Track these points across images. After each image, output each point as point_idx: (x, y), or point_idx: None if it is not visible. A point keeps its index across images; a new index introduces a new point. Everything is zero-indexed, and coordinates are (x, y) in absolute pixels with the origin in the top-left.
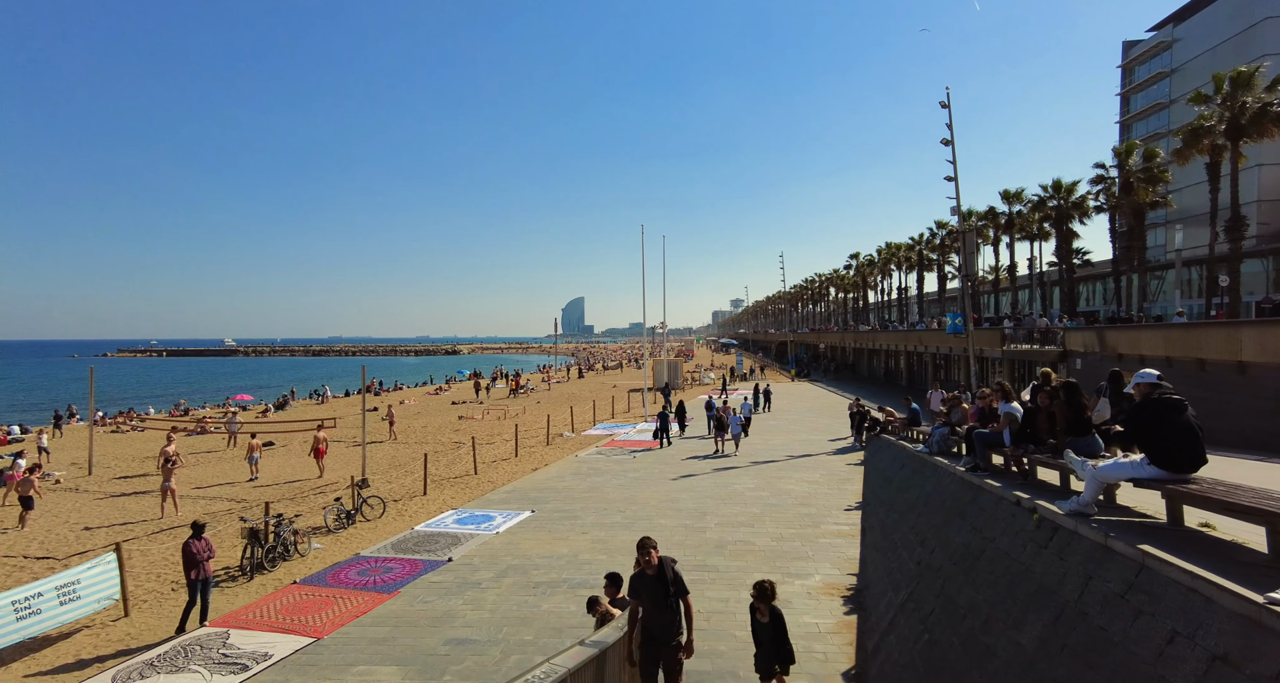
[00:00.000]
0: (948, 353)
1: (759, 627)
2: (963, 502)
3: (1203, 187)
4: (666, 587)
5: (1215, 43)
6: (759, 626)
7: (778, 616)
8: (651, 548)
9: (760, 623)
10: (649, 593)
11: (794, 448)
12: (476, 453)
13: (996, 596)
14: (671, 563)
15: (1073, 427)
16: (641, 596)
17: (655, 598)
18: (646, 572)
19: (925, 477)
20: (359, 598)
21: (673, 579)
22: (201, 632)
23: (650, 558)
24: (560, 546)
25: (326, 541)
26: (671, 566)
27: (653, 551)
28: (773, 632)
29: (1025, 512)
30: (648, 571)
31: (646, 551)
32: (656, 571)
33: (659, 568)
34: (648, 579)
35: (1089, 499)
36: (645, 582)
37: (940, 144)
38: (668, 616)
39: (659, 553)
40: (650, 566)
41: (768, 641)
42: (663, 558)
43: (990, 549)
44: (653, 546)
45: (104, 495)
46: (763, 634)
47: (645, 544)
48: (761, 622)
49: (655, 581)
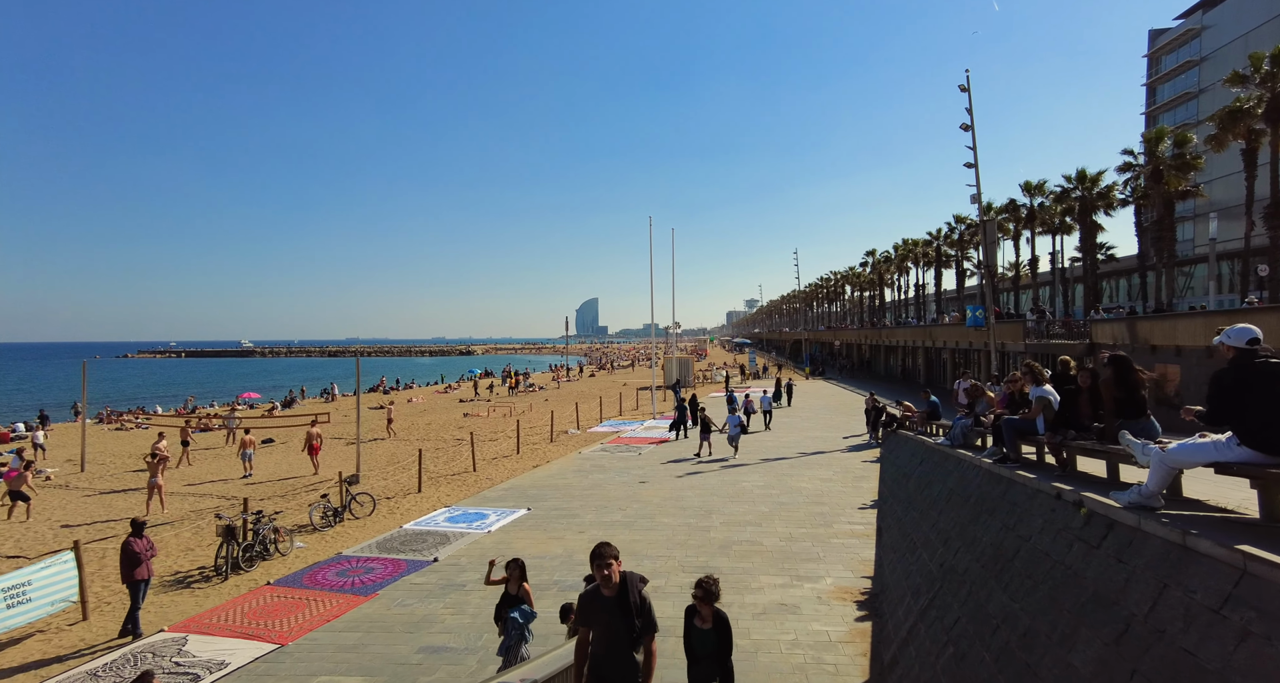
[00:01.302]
0: (966, 348)
1: (697, 636)
2: (991, 497)
3: (1234, 178)
4: (629, 617)
5: (1248, 28)
6: (697, 634)
7: (723, 622)
8: (611, 559)
9: (699, 631)
10: (603, 623)
11: (807, 445)
12: (478, 450)
13: (1036, 604)
14: (639, 584)
15: (1124, 407)
16: (593, 624)
17: (612, 630)
18: (603, 591)
19: (947, 471)
20: (334, 601)
21: (638, 607)
22: (157, 638)
23: (609, 573)
24: (555, 545)
25: (311, 539)
26: (638, 587)
27: (613, 563)
28: (716, 643)
29: (1069, 506)
30: (604, 590)
31: (604, 562)
32: (616, 592)
33: (620, 588)
34: (603, 603)
35: (1154, 489)
36: (599, 606)
37: (960, 129)
38: (625, 656)
39: (621, 566)
40: (608, 584)
41: (707, 655)
42: (627, 575)
43: (1026, 550)
44: (613, 556)
45: (93, 493)
46: (702, 646)
47: (602, 553)
48: (701, 629)
49: (614, 606)
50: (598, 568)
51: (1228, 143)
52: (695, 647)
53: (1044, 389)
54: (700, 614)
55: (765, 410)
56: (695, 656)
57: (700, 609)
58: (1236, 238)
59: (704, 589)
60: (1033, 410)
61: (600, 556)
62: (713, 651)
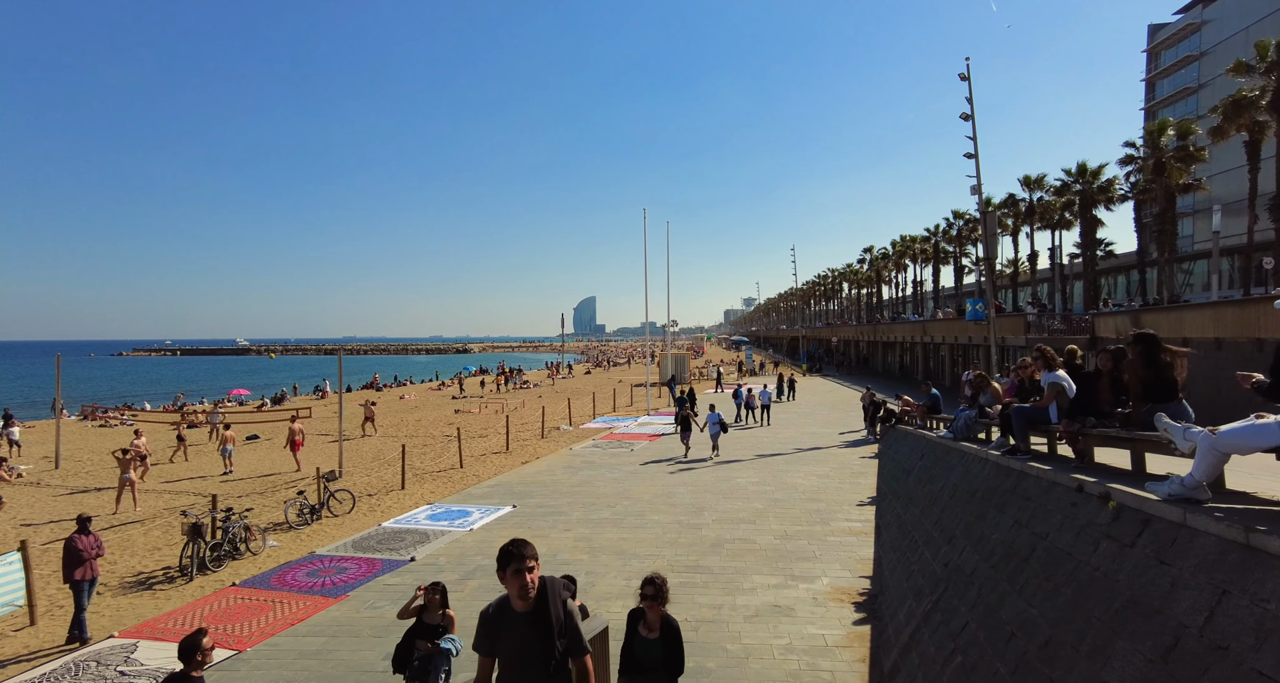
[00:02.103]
0: (966, 343)
1: (641, 646)
2: (1000, 491)
3: (1234, 174)
4: (548, 637)
5: (1250, 22)
6: (641, 644)
7: (673, 630)
8: (529, 560)
9: (644, 640)
10: (512, 647)
11: (803, 441)
12: (467, 446)
13: (1058, 610)
14: (562, 594)
15: (1152, 390)
16: (498, 649)
17: (525, 656)
18: (514, 606)
19: (951, 465)
20: (301, 603)
21: (560, 625)
22: (105, 644)
23: (524, 581)
24: (538, 544)
25: (286, 537)
26: (562, 599)
27: (533, 565)
28: (663, 654)
29: (1093, 499)
30: (516, 602)
31: (521, 565)
32: (534, 605)
33: (538, 601)
34: (512, 620)
35: (1201, 479)
36: (509, 624)
37: (960, 119)
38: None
39: (540, 569)
40: (523, 594)
41: (653, 667)
42: (548, 582)
43: (1042, 548)
44: (531, 557)
45: (66, 490)
46: (647, 657)
47: (517, 553)
48: (646, 639)
49: (528, 623)
50: (513, 573)
51: (1230, 134)
52: (640, 658)
53: (1057, 374)
54: (646, 620)
55: (764, 406)
56: (638, 667)
57: (648, 614)
58: (1237, 234)
59: (655, 588)
60: (1045, 397)
61: (514, 556)
62: (659, 664)
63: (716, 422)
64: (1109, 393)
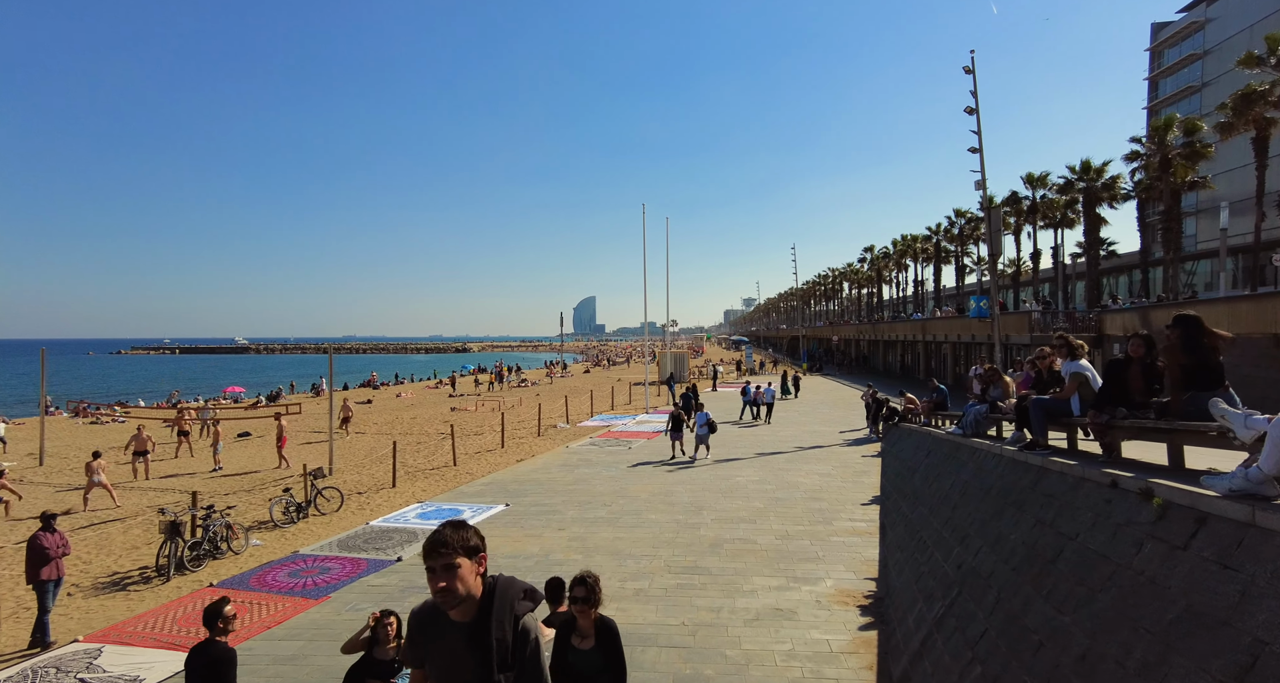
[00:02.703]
0: (969, 341)
1: (577, 657)
2: (1018, 489)
3: (1238, 173)
4: (487, 664)
5: (1254, 20)
6: (575, 655)
7: (609, 634)
8: (446, 556)
9: (578, 652)
10: (444, 660)
11: (804, 439)
12: (462, 444)
13: (1095, 618)
14: (517, 607)
15: (1195, 377)
16: (429, 661)
17: (457, 677)
18: (447, 610)
19: (961, 462)
20: (280, 604)
21: (504, 648)
22: (68, 649)
23: (453, 587)
24: (531, 544)
25: (271, 536)
26: (515, 614)
27: (455, 562)
28: (601, 663)
29: (1131, 496)
30: (448, 608)
31: (431, 563)
32: (474, 614)
33: (480, 611)
34: (447, 628)
35: (1272, 472)
36: (441, 633)
37: (964, 113)
38: None
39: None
40: (450, 598)
41: (593, 679)
42: (499, 586)
43: (1072, 550)
44: (453, 549)
45: (49, 488)
46: (585, 669)
47: (441, 545)
48: (580, 649)
49: (464, 637)
50: (437, 566)
51: (1239, 131)
52: (576, 673)
53: (1080, 364)
54: (579, 628)
55: (767, 403)
56: (570, 678)
57: (579, 621)
58: (1243, 233)
59: (588, 589)
60: (1067, 388)
61: (435, 549)
62: (599, 673)
63: (704, 422)
64: (1140, 381)
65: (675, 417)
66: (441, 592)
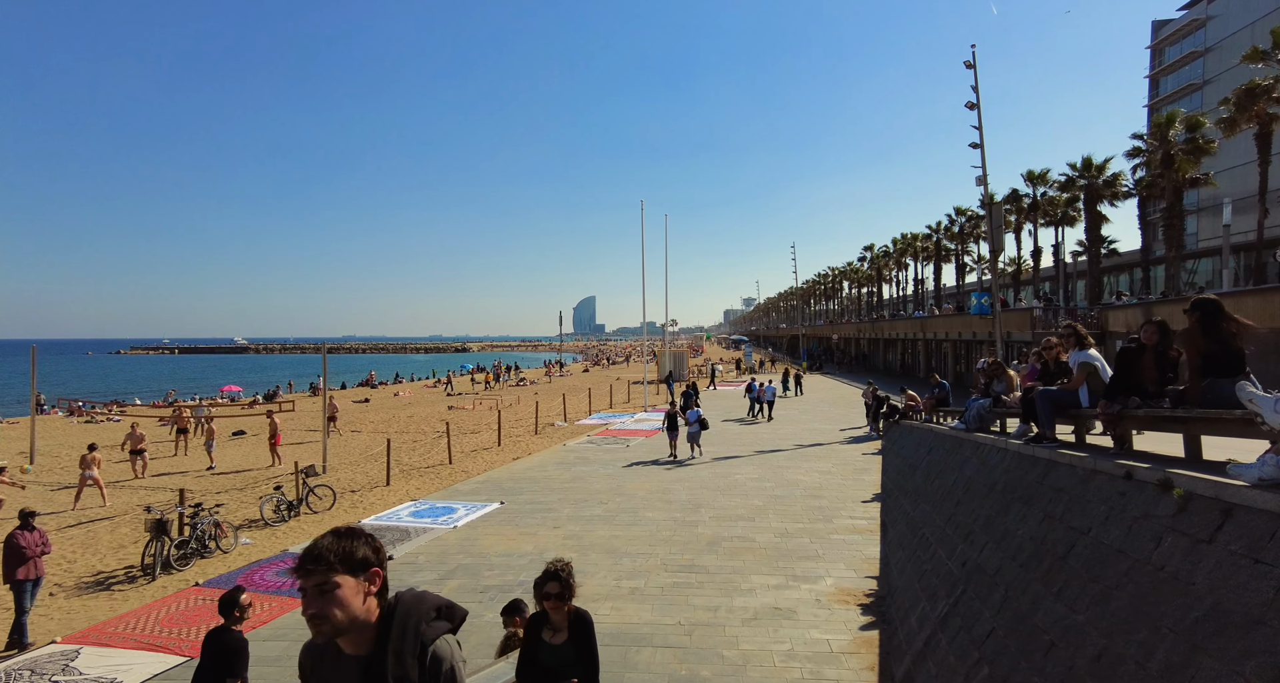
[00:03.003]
0: (970, 338)
1: (548, 652)
2: (1025, 483)
3: (1239, 171)
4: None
5: (1255, 17)
6: (546, 650)
7: (583, 622)
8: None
9: (550, 647)
10: None
11: (803, 437)
12: (459, 443)
13: (1112, 617)
14: (424, 633)
15: (1216, 363)
16: None
17: None
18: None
19: (964, 458)
20: (266, 604)
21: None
22: (45, 651)
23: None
24: (525, 542)
25: (261, 535)
26: (421, 641)
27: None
28: (574, 657)
29: (1149, 488)
30: (321, 639)
31: (320, 581)
32: (369, 646)
33: (377, 642)
34: (340, 663)
35: None
36: (336, 672)
37: (965, 108)
38: None
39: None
40: (323, 627)
41: (565, 671)
42: (399, 605)
43: (1085, 545)
44: (339, 559)
45: (38, 487)
46: (557, 664)
47: (313, 558)
48: (551, 644)
49: (360, 674)
50: (302, 597)
51: (1241, 127)
52: (547, 668)
53: (1089, 354)
54: (551, 622)
55: (768, 401)
56: (546, 677)
57: (551, 616)
58: (1245, 231)
59: (562, 585)
60: (1075, 379)
61: (307, 563)
62: (571, 665)
63: (696, 420)
64: (1154, 370)
65: (671, 415)
66: (312, 620)
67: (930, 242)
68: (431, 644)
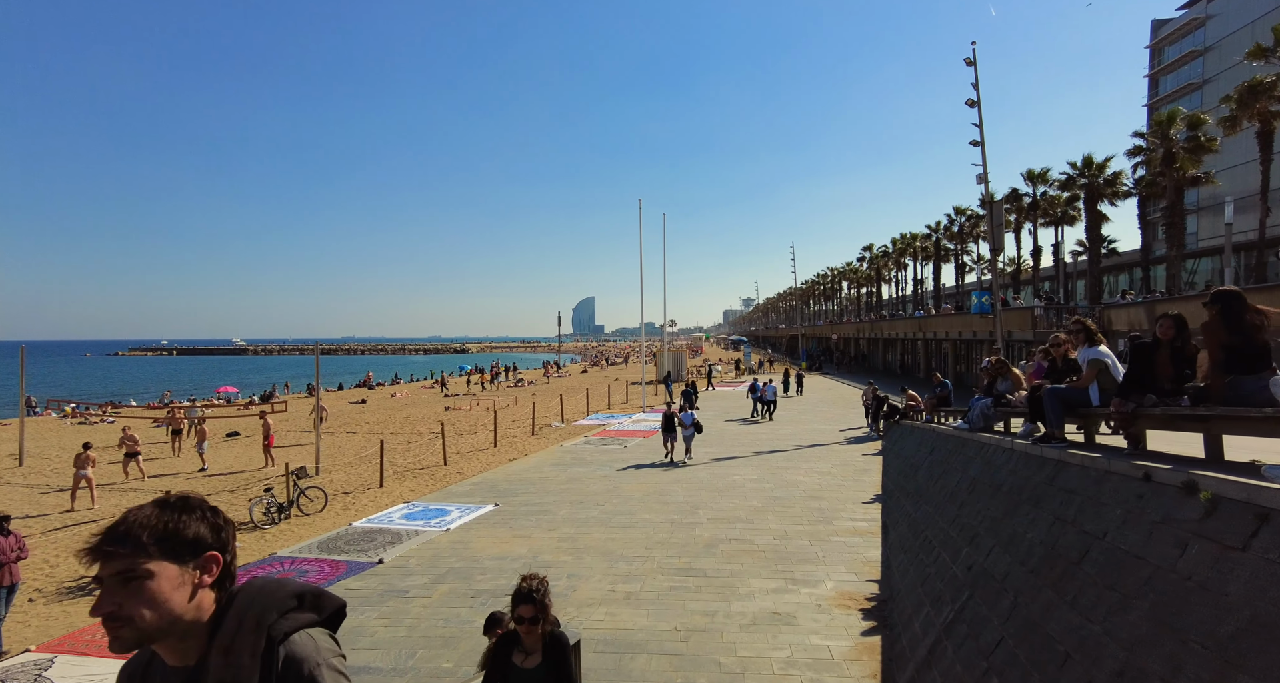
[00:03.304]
0: (970, 338)
1: (519, 677)
2: (1032, 484)
3: (1240, 170)
4: None
5: (1255, 17)
6: (517, 675)
7: (559, 648)
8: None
9: (522, 672)
10: None
11: (803, 437)
12: (455, 443)
13: (1132, 628)
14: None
15: (1240, 358)
16: None
17: None
18: (121, 651)
19: (968, 458)
20: None
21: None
22: (18, 659)
23: (130, 614)
24: (519, 545)
25: (250, 538)
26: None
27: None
28: (547, 679)
29: (1171, 490)
30: (121, 650)
31: (124, 568)
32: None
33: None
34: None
35: None
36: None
37: (966, 105)
38: None
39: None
40: (121, 634)
41: None
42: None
43: (1100, 550)
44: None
45: (24, 489)
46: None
47: (115, 537)
48: (523, 668)
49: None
50: (98, 593)
51: (1243, 125)
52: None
53: (1099, 350)
54: (523, 644)
55: (769, 401)
56: None
57: (524, 638)
58: (1246, 231)
59: (536, 606)
60: (1085, 376)
61: (105, 544)
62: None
63: (690, 422)
64: (1170, 367)
65: (668, 416)
66: (107, 622)
67: (929, 241)
68: (286, 641)
